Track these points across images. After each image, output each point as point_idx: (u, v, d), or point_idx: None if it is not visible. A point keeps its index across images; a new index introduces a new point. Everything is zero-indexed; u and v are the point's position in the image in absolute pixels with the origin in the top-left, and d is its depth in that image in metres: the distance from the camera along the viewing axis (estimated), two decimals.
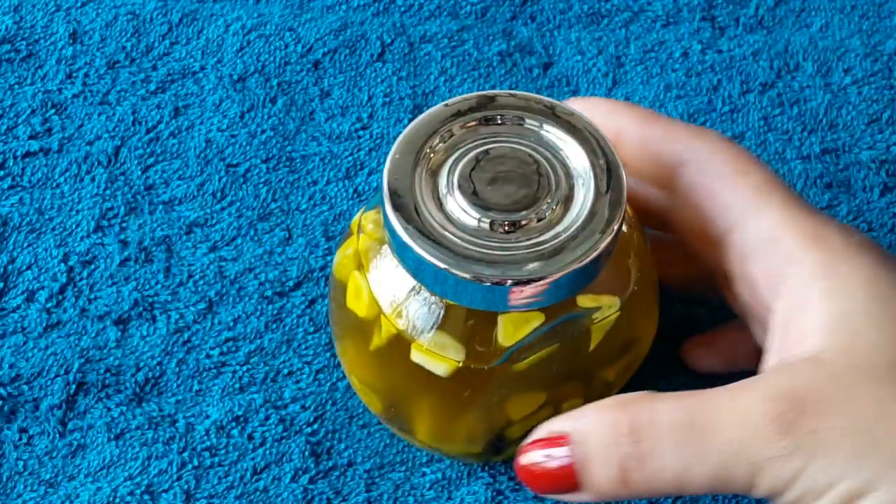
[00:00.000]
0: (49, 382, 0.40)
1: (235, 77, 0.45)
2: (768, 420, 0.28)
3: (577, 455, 0.30)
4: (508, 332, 0.31)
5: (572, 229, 0.29)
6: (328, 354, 0.40)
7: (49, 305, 0.41)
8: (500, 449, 0.36)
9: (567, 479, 0.30)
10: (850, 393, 0.28)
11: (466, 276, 0.28)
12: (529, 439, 0.31)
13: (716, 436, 0.28)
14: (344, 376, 0.40)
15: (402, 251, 0.30)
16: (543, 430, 0.31)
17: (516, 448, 0.32)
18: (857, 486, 0.28)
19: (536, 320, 0.31)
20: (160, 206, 0.43)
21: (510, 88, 0.45)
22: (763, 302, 0.32)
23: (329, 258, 0.42)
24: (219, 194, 0.43)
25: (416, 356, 0.32)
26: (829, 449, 0.28)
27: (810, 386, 0.28)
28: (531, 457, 0.31)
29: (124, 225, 0.42)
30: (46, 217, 0.42)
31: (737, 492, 0.29)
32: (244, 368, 0.40)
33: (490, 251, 0.29)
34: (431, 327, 0.31)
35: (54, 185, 0.43)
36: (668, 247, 0.37)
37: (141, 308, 0.41)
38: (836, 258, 0.30)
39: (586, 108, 0.33)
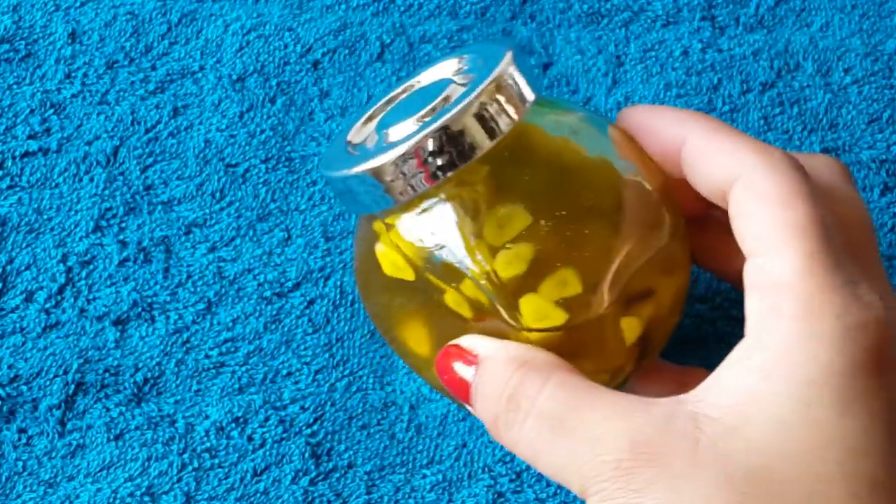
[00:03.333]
0: (48, 383, 0.40)
1: (234, 77, 0.45)
2: (613, 458, 0.29)
3: (475, 383, 0.32)
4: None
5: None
6: (327, 355, 0.40)
7: (48, 306, 0.41)
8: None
9: (464, 393, 0.32)
10: (693, 473, 0.28)
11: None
12: (457, 341, 0.33)
13: (570, 441, 0.30)
14: (342, 376, 0.40)
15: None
16: (467, 341, 0.32)
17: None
18: None
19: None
20: (159, 207, 0.43)
21: None
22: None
23: (328, 259, 0.42)
24: (218, 194, 0.43)
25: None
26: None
27: (672, 443, 0.29)
28: (446, 360, 0.33)
29: (123, 225, 0.42)
30: (45, 217, 0.42)
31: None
32: (243, 369, 0.40)
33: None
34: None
35: (53, 185, 0.43)
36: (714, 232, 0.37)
37: (140, 308, 0.41)
38: (801, 347, 0.29)
39: (653, 115, 0.34)
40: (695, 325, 0.42)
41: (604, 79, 0.46)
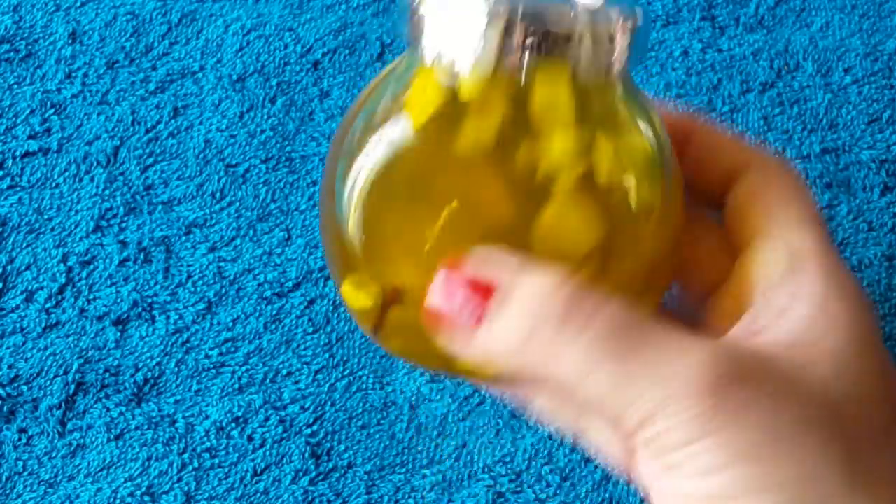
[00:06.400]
0: (48, 383, 0.40)
1: (235, 77, 0.45)
2: (697, 382, 0.27)
3: (508, 287, 0.28)
4: None
5: None
6: (327, 355, 0.40)
7: (48, 306, 0.41)
8: None
9: (484, 293, 0.28)
10: (785, 398, 0.28)
11: None
12: (456, 271, 0.28)
13: (631, 366, 0.27)
14: (342, 376, 0.40)
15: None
16: (474, 269, 0.28)
17: None
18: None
19: None
20: (159, 207, 0.43)
21: None
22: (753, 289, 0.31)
23: None
24: (218, 194, 0.43)
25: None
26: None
27: (757, 371, 0.28)
28: (446, 296, 0.28)
29: (123, 225, 0.42)
30: (45, 217, 0.42)
31: (605, 420, 0.29)
32: (243, 369, 0.40)
33: None
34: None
35: (53, 185, 0.43)
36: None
37: (140, 308, 0.41)
38: (840, 304, 0.29)
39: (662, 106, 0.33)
40: None
41: None
